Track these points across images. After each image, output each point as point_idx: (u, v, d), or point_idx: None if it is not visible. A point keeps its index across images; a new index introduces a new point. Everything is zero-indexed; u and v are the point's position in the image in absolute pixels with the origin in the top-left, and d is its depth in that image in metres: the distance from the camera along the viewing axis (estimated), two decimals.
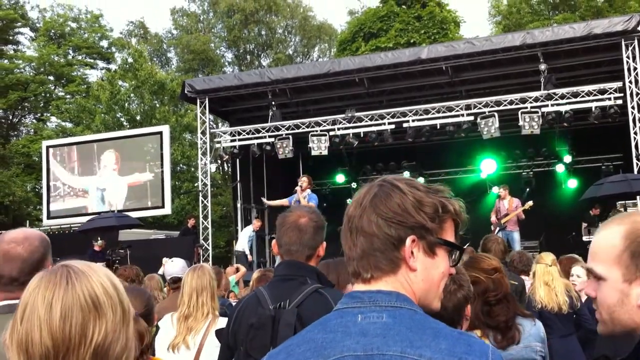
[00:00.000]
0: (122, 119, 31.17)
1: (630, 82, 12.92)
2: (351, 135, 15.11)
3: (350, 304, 1.39)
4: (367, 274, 1.41)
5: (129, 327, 1.39)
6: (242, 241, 14.60)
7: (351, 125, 15.18)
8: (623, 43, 12.92)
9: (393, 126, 14.93)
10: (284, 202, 11.02)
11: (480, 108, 14.18)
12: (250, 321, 2.38)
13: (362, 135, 15.15)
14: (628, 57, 12.94)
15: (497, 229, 13.87)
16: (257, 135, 15.79)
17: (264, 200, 11.14)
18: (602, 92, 13.25)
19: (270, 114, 15.59)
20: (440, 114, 14.51)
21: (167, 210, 18.66)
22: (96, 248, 13.08)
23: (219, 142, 16.40)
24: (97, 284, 1.33)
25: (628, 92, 12.93)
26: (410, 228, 1.40)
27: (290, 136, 15.30)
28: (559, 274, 5.34)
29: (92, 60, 38.06)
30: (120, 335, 1.35)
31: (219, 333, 3.57)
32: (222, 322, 3.77)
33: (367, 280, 1.41)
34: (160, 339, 3.77)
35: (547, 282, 5.16)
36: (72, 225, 18.36)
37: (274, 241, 2.67)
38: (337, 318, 1.38)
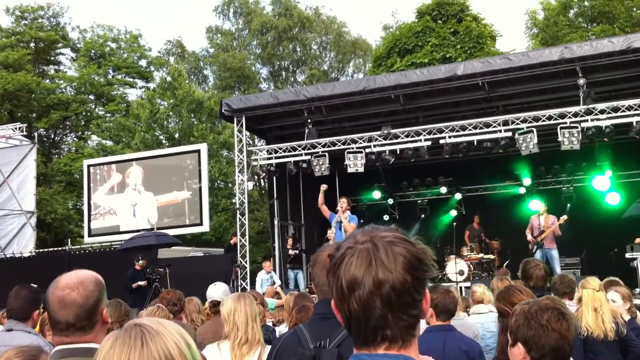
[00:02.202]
0: (161, 137, 31.61)
1: None
2: (387, 152, 15.06)
3: None
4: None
5: None
6: (257, 287, 14.49)
7: (387, 142, 15.14)
8: None
9: (429, 142, 14.83)
10: (326, 213, 11.01)
11: (518, 123, 14.01)
12: None
13: (398, 152, 15.09)
14: None
15: (535, 247, 13.67)
16: (293, 152, 15.85)
17: (324, 186, 11.10)
18: None
19: (306, 131, 15.65)
20: (477, 130, 14.39)
21: (206, 227, 18.83)
22: (137, 267, 13.24)
23: (255, 160, 16.53)
24: (172, 344, 1.33)
25: None
26: None
27: (327, 153, 15.32)
28: (606, 300, 5.21)
29: (131, 80, 38.81)
30: None
31: None
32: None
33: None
34: None
35: (596, 308, 5.04)
36: (112, 243, 18.67)
37: (312, 281, 2.67)
38: None
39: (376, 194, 19.63)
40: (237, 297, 4.11)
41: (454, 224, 16.17)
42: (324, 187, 11.18)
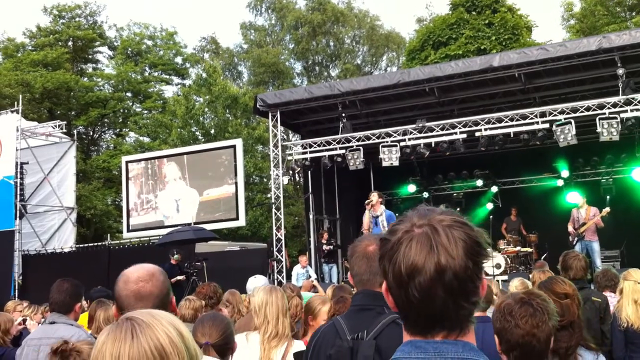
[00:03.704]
0: (197, 133, 31.91)
1: None
2: (422, 145, 14.99)
3: (414, 354, 1.31)
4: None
5: None
6: (293, 281, 14.51)
7: (422, 135, 15.07)
8: None
9: (465, 135, 14.71)
10: (366, 223, 10.42)
11: (555, 115, 13.82)
12: (328, 352, 2.39)
13: (433, 145, 15.01)
14: None
15: (576, 239, 13.48)
16: (327, 147, 15.88)
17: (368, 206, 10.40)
18: None
19: (340, 125, 15.66)
20: (514, 122, 14.22)
21: (242, 222, 18.98)
22: (172, 261, 13.37)
23: (290, 154, 16.60)
24: (162, 334, 1.34)
25: None
26: None
27: (361, 147, 15.31)
28: None
29: (167, 77, 39.27)
30: None
31: (298, 356, 3.63)
32: (299, 345, 3.84)
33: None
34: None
35: (636, 300, 4.97)
36: (151, 238, 18.96)
37: (349, 272, 2.69)
38: None
39: (411, 188, 19.54)
40: (269, 289, 4.12)
41: (490, 217, 16.03)
42: (368, 207, 10.50)
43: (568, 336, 3.11)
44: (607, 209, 13.52)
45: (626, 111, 13.03)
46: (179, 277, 13.00)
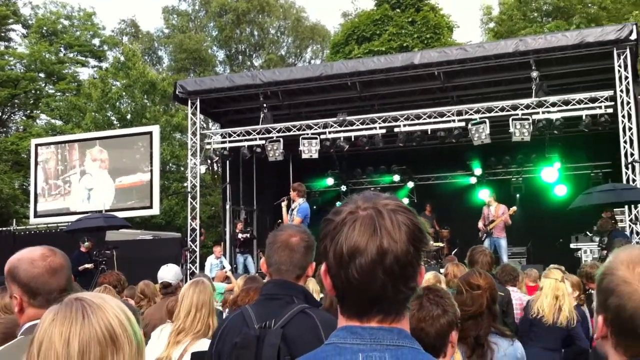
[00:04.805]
0: (113, 118, 31.00)
1: (622, 90, 12.94)
2: (342, 138, 15.08)
3: (350, 339, 1.30)
4: None
5: (142, 357, 1.38)
6: (207, 271, 14.31)
7: (342, 128, 15.15)
8: (615, 52, 12.93)
9: (384, 130, 14.90)
10: (285, 219, 10.25)
11: (471, 114, 14.18)
12: (234, 340, 2.33)
13: (353, 139, 15.13)
14: (620, 66, 12.95)
15: (485, 235, 13.90)
16: (247, 137, 15.73)
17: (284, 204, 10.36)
18: (593, 100, 13.27)
19: (261, 116, 15.53)
20: (432, 119, 14.51)
21: (156, 210, 18.56)
22: (82, 249, 12.90)
23: (209, 143, 16.35)
24: (113, 317, 1.32)
25: (619, 101, 12.94)
26: None
27: (281, 139, 15.26)
28: (567, 291, 5.35)
29: (83, 58, 37.86)
30: None
31: (196, 356, 3.50)
32: (203, 344, 3.67)
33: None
34: (148, 351, 3.69)
35: (558, 296, 5.15)
36: (59, 225, 18.24)
37: (262, 259, 2.62)
38: (335, 355, 1.29)
39: (330, 181, 19.66)
40: (192, 282, 3.98)
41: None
42: (284, 204, 10.56)
43: (475, 325, 3.18)
44: (514, 208, 14.03)
45: (538, 113, 13.52)
46: (87, 266, 12.56)
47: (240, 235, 16.03)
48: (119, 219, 14.45)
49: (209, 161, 16.14)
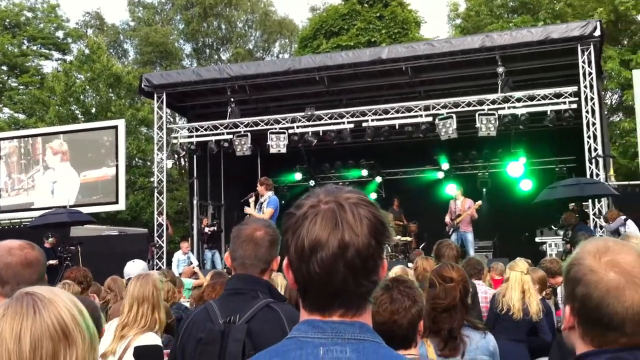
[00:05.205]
0: (77, 112, 30.50)
1: (585, 86, 13.14)
2: (310, 133, 15.06)
3: (311, 333, 1.29)
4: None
5: (95, 352, 1.35)
6: (174, 267, 14.19)
7: (310, 123, 15.13)
8: (579, 48, 13.13)
9: (352, 125, 14.93)
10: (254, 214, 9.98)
11: (438, 109, 14.27)
12: (198, 336, 2.30)
13: (321, 134, 15.13)
14: (584, 62, 13.15)
15: (451, 229, 14.02)
16: (215, 131, 15.62)
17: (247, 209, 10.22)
18: (558, 96, 13.45)
19: (228, 110, 15.42)
20: (399, 114, 14.57)
21: (121, 206, 18.31)
22: (46, 245, 12.69)
23: (175, 138, 16.19)
24: (65, 311, 1.30)
25: (583, 97, 13.15)
26: None
27: (249, 133, 15.18)
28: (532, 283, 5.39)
29: (47, 51, 37.13)
30: None
31: (141, 351, 3.45)
32: (147, 338, 3.60)
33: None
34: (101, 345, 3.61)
35: (525, 290, 5.19)
36: (22, 220, 17.90)
37: (227, 253, 2.58)
38: (296, 349, 1.28)
39: (298, 176, 19.63)
40: (135, 277, 3.89)
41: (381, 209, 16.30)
42: (252, 199, 10.41)
43: (449, 318, 3.19)
44: (479, 202, 14.17)
45: (504, 108, 13.67)
46: (50, 262, 12.32)
47: (206, 229, 15.93)
48: (84, 214, 14.23)
49: (175, 156, 15.98)
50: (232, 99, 15.39)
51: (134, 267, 6.01)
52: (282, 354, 1.29)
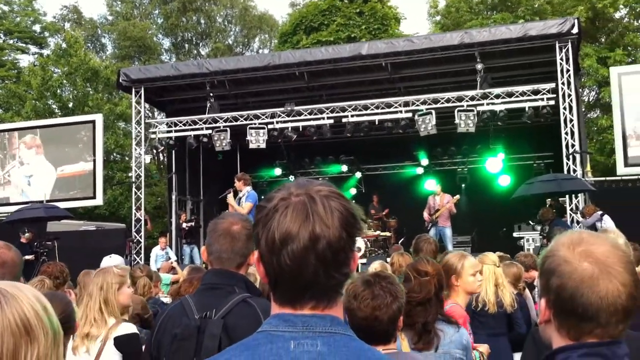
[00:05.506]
0: (54, 106, 30.16)
1: (563, 83, 13.26)
2: (290, 129, 15.04)
3: (282, 327, 1.29)
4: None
5: (59, 348, 1.33)
6: (152, 263, 14.09)
7: (290, 119, 15.10)
8: (557, 45, 13.25)
9: (332, 121, 14.93)
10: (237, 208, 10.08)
11: (418, 105, 14.32)
12: (174, 331, 2.27)
13: (301, 129, 15.11)
14: (561, 59, 13.27)
15: (430, 224, 14.09)
16: (194, 126, 15.55)
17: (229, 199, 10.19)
18: (536, 92, 13.56)
19: (208, 105, 15.34)
20: (379, 110, 14.60)
21: (99, 201, 18.14)
22: (23, 240, 12.52)
23: (154, 133, 16.08)
24: (28, 307, 1.27)
25: (560, 93, 13.27)
26: None
27: (228, 128, 15.12)
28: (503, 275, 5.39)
29: (24, 45, 36.67)
30: (51, 358, 1.29)
31: (118, 340, 3.44)
32: (126, 327, 3.61)
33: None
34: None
35: (498, 283, 5.20)
36: None
37: (203, 248, 2.56)
38: (267, 343, 1.27)
39: (277, 171, 19.60)
40: (96, 271, 3.90)
41: (353, 202, 16.34)
42: (230, 195, 10.30)
43: (424, 312, 3.21)
44: (457, 197, 14.29)
45: (482, 104, 13.75)
46: (27, 257, 12.17)
47: (185, 225, 15.85)
48: (61, 209, 14.08)
49: (154, 151, 15.86)
50: (212, 94, 15.31)
51: (111, 263, 5.93)
52: (252, 348, 1.28)
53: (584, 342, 1.45)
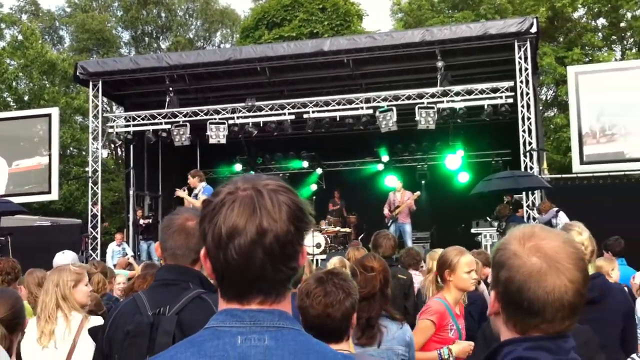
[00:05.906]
0: (9, 99, 29.45)
1: (521, 82, 13.46)
2: (251, 124, 14.97)
3: (229, 322, 1.27)
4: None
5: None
6: (108, 258, 13.91)
7: (251, 114, 15.03)
8: (516, 44, 13.44)
9: (293, 117, 14.90)
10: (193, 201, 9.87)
11: (379, 102, 14.38)
12: (126, 328, 2.20)
13: (261, 125, 15.05)
14: (520, 58, 13.47)
15: (390, 221, 14.17)
16: (152, 121, 15.34)
17: (178, 192, 10.16)
18: (495, 90, 13.73)
19: (167, 99, 15.15)
20: (340, 106, 14.61)
21: (54, 196, 17.72)
22: None
23: (112, 127, 15.82)
24: None
25: (519, 92, 13.47)
26: None
27: (188, 123, 14.96)
28: None
29: None
30: None
31: (92, 330, 3.39)
32: (97, 320, 3.57)
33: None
34: (25, 340, 3.49)
35: None
36: None
37: (156, 244, 2.50)
38: (213, 339, 1.26)
39: (238, 167, 19.45)
40: (52, 270, 3.84)
41: (314, 198, 16.40)
42: (185, 193, 10.32)
43: (367, 307, 3.23)
44: (418, 193, 14.40)
45: (442, 102, 13.87)
46: None
47: (142, 221, 15.64)
48: (14, 204, 13.72)
49: (112, 145, 15.60)
50: (171, 88, 15.14)
51: (63, 259, 5.80)
52: (198, 345, 1.26)
53: (529, 336, 1.46)
